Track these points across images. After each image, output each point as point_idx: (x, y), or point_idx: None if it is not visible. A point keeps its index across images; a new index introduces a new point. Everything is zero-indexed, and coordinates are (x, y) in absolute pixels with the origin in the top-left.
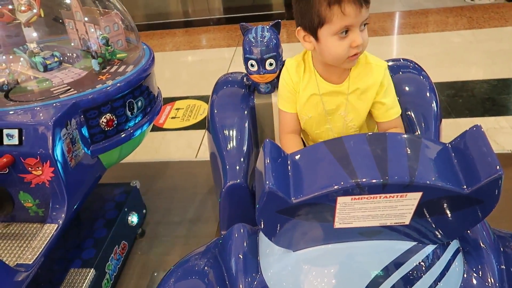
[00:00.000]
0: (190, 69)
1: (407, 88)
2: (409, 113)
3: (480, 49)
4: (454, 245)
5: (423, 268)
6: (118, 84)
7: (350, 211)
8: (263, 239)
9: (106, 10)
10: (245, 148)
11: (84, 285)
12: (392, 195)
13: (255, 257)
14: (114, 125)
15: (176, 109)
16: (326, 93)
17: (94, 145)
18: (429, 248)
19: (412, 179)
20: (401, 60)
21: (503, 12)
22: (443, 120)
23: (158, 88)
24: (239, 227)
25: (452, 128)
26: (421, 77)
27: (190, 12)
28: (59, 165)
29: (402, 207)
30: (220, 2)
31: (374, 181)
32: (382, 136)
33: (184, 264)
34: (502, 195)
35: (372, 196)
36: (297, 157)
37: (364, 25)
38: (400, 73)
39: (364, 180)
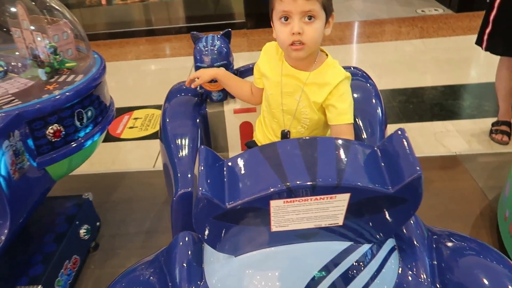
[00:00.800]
0: (150, 78)
1: (355, 95)
2: (357, 119)
3: (429, 57)
4: (389, 243)
5: (360, 266)
6: (67, 94)
7: (285, 214)
8: (208, 246)
9: (55, 19)
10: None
11: None
12: (322, 197)
13: (200, 265)
14: (62, 135)
15: (134, 118)
16: (286, 75)
17: (40, 156)
18: (365, 247)
19: (340, 181)
20: (351, 68)
21: (451, 22)
22: (395, 125)
23: (111, 97)
24: (184, 235)
25: None
26: (368, 84)
27: (152, 21)
28: (1, 178)
29: (333, 209)
30: (182, 11)
31: (304, 184)
32: (313, 141)
33: (129, 274)
34: (449, 195)
35: (303, 198)
36: (233, 163)
37: (310, 17)
38: (353, 80)
39: (294, 183)
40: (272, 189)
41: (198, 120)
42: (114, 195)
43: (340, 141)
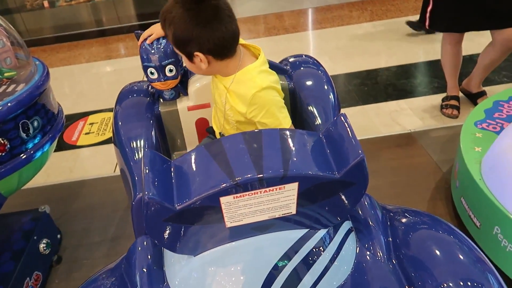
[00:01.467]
0: (104, 81)
1: (307, 83)
2: (310, 107)
3: (380, 39)
4: (346, 226)
5: (319, 251)
6: (8, 105)
7: (237, 209)
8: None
9: None
10: None
11: None
12: (271, 188)
13: (161, 268)
14: (7, 149)
15: (90, 124)
16: (216, 80)
17: None
18: (322, 232)
19: (286, 171)
20: (303, 56)
21: (398, 4)
22: (352, 108)
23: (59, 104)
24: (142, 240)
25: (360, 115)
26: (320, 72)
27: (102, 21)
28: None
29: (284, 199)
30: (132, 9)
31: (251, 177)
32: (258, 134)
33: (90, 284)
34: (406, 172)
35: (253, 192)
36: (179, 163)
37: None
38: (301, 68)
39: (241, 178)
40: (220, 186)
41: (151, 121)
42: (74, 205)
43: (284, 132)
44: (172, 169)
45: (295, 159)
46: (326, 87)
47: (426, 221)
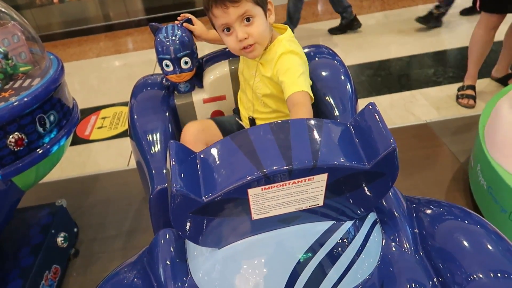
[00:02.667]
0: (114, 75)
1: (323, 73)
2: (327, 98)
3: (392, 29)
4: (371, 217)
5: (345, 243)
6: (25, 99)
7: (264, 201)
8: (190, 241)
9: (2, 22)
10: None
11: None
12: (300, 180)
13: (184, 261)
14: (24, 144)
15: (102, 118)
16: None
17: (4, 168)
18: (348, 224)
19: (316, 162)
20: (318, 46)
21: None
22: (365, 99)
23: (74, 98)
24: (164, 233)
25: None
26: (335, 62)
27: (110, 16)
28: None
29: (312, 190)
30: (141, 3)
31: (280, 169)
32: (285, 124)
33: (112, 278)
34: (423, 163)
35: (281, 184)
36: (205, 155)
37: (247, 19)
38: (316, 59)
39: (270, 170)
40: (248, 178)
41: (167, 114)
42: (89, 199)
43: (312, 122)
44: (198, 161)
45: (324, 149)
46: (342, 77)
47: (452, 211)
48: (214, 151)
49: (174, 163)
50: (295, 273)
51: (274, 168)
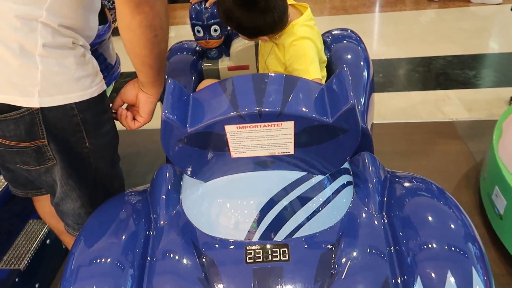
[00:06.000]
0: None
1: (344, 56)
2: None
3: (441, 27)
4: (345, 178)
5: (314, 192)
6: None
7: (240, 140)
8: (185, 177)
9: None
10: None
11: (42, 233)
12: (269, 124)
13: (177, 192)
14: None
15: None
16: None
17: None
18: (319, 177)
19: (283, 108)
20: (347, 31)
21: None
22: (397, 92)
23: (117, 55)
24: (165, 168)
25: (404, 100)
26: (359, 48)
27: None
28: None
29: (282, 137)
30: None
31: (251, 110)
32: (265, 76)
33: (120, 197)
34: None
35: (253, 125)
36: (197, 95)
37: None
38: (342, 42)
39: (243, 110)
40: (224, 115)
41: (193, 77)
42: (120, 149)
43: (291, 77)
44: (190, 100)
45: (293, 100)
46: (362, 63)
47: (425, 187)
48: (203, 93)
49: (169, 96)
50: (267, 207)
51: (247, 109)
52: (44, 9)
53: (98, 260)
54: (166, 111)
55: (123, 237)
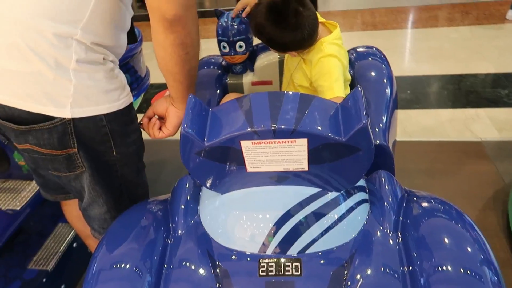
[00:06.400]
0: None
1: (367, 74)
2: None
3: (474, 44)
4: (360, 195)
5: (329, 208)
6: None
7: (255, 156)
8: (204, 189)
9: None
10: None
11: (70, 236)
12: (283, 140)
13: (196, 203)
14: None
15: None
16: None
17: None
18: (334, 194)
19: (296, 126)
20: (371, 48)
21: (503, 9)
22: (425, 110)
23: (147, 68)
24: (185, 179)
25: (431, 117)
26: (383, 66)
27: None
28: None
29: (296, 153)
30: None
31: (266, 127)
32: (281, 94)
33: (142, 204)
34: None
35: (268, 141)
36: (216, 111)
37: None
38: (366, 59)
39: (258, 126)
40: (240, 131)
41: (218, 91)
42: (146, 158)
43: (305, 96)
44: (209, 115)
45: (307, 119)
46: (385, 80)
47: (446, 209)
48: (222, 109)
49: (188, 111)
50: (282, 220)
51: (262, 125)
52: (80, 27)
53: (118, 265)
54: (185, 125)
55: (143, 244)
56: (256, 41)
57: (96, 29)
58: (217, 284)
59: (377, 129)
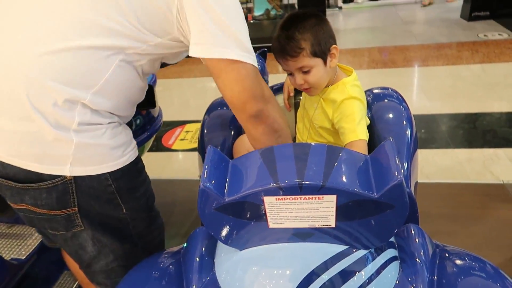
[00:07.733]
0: (207, 95)
1: (386, 116)
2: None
3: (487, 83)
4: (390, 252)
5: (356, 269)
6: None
7: (279, 211)
8: (220, 242)
9: None
10: None
11: (75, 286)
12: (310, 196)
13: (211, 258)
14: None
15: (186, 131)
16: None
17: None
18: (362, 252)
19: (325, 182)
20: (389, 90)
21: None
22: (440, 149)
23: (160, 108)
24: (200, 231)
25: (449, 158)
26: (401, 107)
27: None
28: None
29: (323, 209)
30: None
31: (291, 183)
32: (306, 146)
33: (154, 258)
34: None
35: (293, 197)
36: (236, 163)
37: (305, 71)
38: (383, 101)
39: (283, 182)
40: (264, 187)
41: (232, 132)
42: (158, 199)
43: (332, 148)
44: (229, 167)
45: (336, 173)
46: (404, 122)
47: (480, 266)
48: (243, 161)
49: (207, 165)
50: (306, 281)
51: (287, 181)
52: (90, 93)
53: None
54: (204, 181)
55: None
56: (270, 82)
57: (107, 97)
58: None
59: None
